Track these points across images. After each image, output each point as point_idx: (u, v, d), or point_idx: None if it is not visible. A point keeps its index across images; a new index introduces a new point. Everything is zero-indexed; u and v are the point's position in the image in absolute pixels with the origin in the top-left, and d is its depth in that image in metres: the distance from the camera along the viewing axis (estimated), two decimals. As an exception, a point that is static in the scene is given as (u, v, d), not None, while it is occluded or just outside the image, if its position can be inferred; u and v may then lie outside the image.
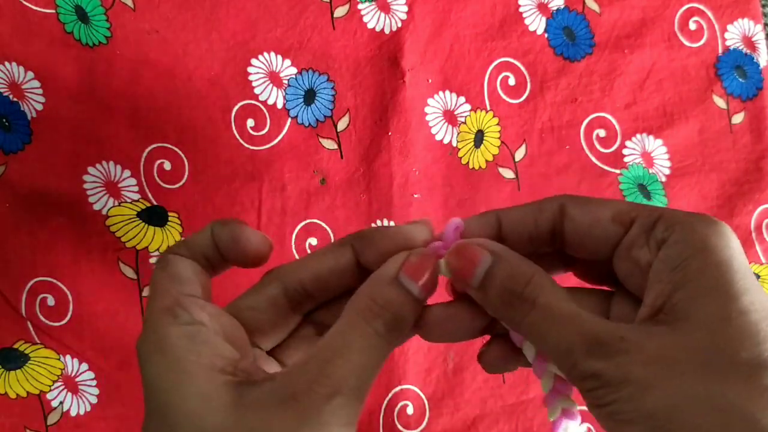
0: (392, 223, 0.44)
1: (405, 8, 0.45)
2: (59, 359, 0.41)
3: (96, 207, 0.41)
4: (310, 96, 0.44)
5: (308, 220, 0.43)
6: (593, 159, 0.47)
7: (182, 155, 0.42)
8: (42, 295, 0.40)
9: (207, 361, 0.22)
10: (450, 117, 0.46)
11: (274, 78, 0.43)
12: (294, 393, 0.21)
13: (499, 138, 0.46)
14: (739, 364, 0.19)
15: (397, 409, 0.43)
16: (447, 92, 0.46)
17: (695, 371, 0.20)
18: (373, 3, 0.45)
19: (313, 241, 0.44)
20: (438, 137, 0.45)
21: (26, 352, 0.40)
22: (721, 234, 0.21)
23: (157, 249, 0.42)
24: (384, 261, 0.24)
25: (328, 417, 0.21)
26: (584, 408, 0.22)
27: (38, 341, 0.40)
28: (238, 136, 0.43)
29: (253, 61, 0.43)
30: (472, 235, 0.25)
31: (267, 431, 0.20)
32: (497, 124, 0.46)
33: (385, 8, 0.45)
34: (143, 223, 0.42)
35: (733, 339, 0.20)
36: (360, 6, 0.45)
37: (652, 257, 0.22)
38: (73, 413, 0.41)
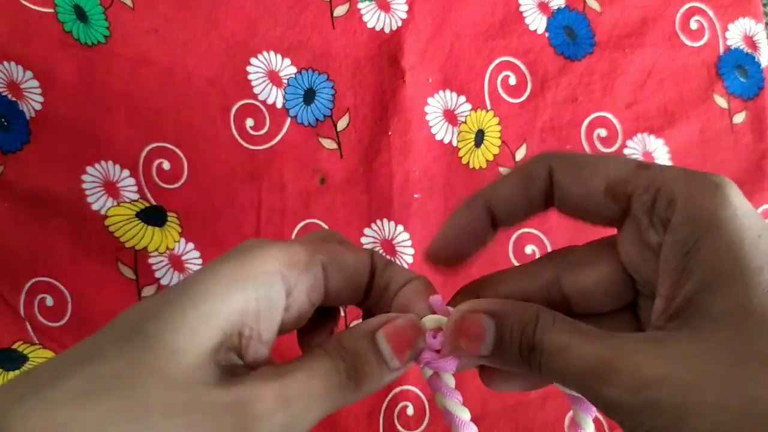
0: (392, 224, 0.44)
1: (405, 7, 0.45)
2: (58, 360, 0.40)
3: (95, 207, 0.41)
4: (309, 95, 0.44)
5: (308, 220, 0.43)
6: (594, 159, 0.47)
7: (181, 155, 0.42)
8: (41, 296, 0.40)
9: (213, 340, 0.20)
10: (450, 116, 0.45)
11: (273, 77, 0.43)
12: (243, 385, 0.20)
13: (499, 138, 0.46)
14: None
15: (397, 409, 0.43)
16: (447, 91, 0.45)
17: (730, 380, 0.17)
18: (373, 2, 0.45)
19: (313, 241, 0.43)
20: (438, 137, 0.45)
21: (25, 352, 0.40)
22: (726, 202, 0.19)
23: (156, 249, 0.42)
24: None
25: (259, 429, 0.19)
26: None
27: (37, 342, 0.40)
28: (237, 136, 0.43)
29: (253, 61, 0.43)
30: (463, 228, 0.24)
31: (193, 405, 0.19)
32: (498, 124, 0.46)
33: (385, 7, 0.45)
34: (142, 223, 0.41)
35: (763, 328, 0.18)
36: (360, 5, 0.45)
37: (662, 238, 0.20)
38: (71, 414, 0.41)
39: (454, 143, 0.45)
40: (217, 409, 0.19)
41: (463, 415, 0.25)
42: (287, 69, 0.44)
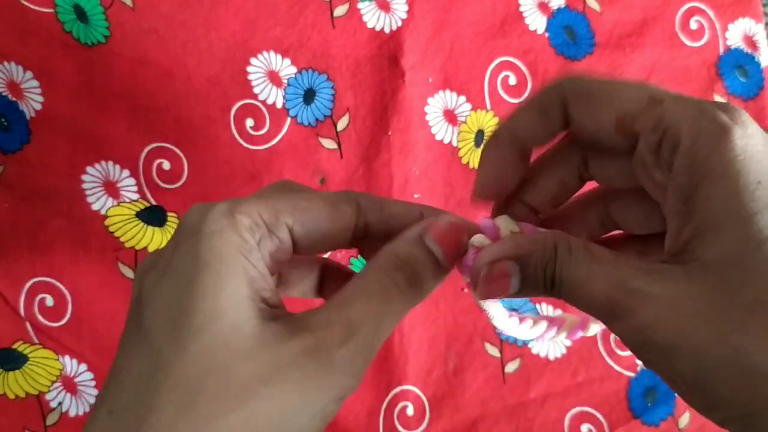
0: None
1: (405, 7, 0.45)
2: (58, 360, 0.40)
3: (95, 207, 0.41)
4: (309, 95, 0.44)
5: (308, 220, 0.43)
6: (594, 159, 0.47)
7: (181, 155, 0.42)
8: (41, 296, 0.40)
9: (248, 288, 0.21)
10: (450, 116, 0.45)
11: (273, 77, 0.43)
12: (309, 329, 0.20)
13: (499, 137, 0.46)
14: (757, 306, 0.18)
15: (397, 409, 0.43)
16: (447, 91, 0.45)
17: (714, 326, 0.18)
18: (373, 2, 0.45)
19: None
20: (438, 137, 0.45)
21: (25, 352, 0.40)
22: (729, 147, 0.19)
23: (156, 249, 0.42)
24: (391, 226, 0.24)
25: (339, 361, 0.20)
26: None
27: (37, 341, 0.40)
28: (237, 136, 0.43)
29: (253, 61, 0.43)
30: (495, 170, 0.25)
31: (279, 365, 0.20)
32: (498, 124, 0.46)
33: (385, 7, 0.45)
34: (142, 223, 0.41)
35: (748, 278, 0.18)
36: (360, 5, 0.45)
37: (666, 179, 0.21)
38: (72, 414, 0.41)
39: (454, 143, 0.45)
40: (300, 358, 0.20)
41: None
42: (287, 69, 0.44)
